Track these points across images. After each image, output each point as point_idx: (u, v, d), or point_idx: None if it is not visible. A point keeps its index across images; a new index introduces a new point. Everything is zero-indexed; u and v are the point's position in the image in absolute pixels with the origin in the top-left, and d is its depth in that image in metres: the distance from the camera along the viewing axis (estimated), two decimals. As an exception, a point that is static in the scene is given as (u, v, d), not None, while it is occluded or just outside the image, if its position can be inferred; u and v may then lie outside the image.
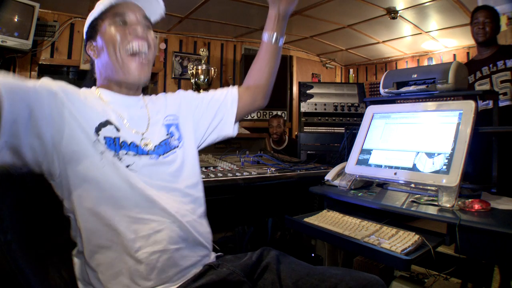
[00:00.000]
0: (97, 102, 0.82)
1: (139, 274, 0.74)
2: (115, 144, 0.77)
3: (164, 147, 0.86)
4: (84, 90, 0.84)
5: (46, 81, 0.74)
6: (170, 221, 0.78)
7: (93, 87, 0.88)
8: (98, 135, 0.76)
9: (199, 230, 0.84)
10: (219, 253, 0.93)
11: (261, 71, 1.06)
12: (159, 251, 0.75)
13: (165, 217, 0.78)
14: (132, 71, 0.83)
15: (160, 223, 0.76)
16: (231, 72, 4.31)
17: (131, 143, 0.80)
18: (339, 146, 1.98)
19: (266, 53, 1.05)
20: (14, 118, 0.62)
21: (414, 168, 1.15)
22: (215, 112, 1.02)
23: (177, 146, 0.90)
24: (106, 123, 0.78)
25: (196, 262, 0.82)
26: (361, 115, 1.75)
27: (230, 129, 1.05)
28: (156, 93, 1.00)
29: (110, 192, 0.74)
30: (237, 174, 1.42)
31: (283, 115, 3.65)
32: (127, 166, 0.77)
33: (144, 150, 0.82)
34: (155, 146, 0.84)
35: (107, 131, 0.77)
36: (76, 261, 0.80)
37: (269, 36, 1.04)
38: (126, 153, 0.78)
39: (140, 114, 0.88)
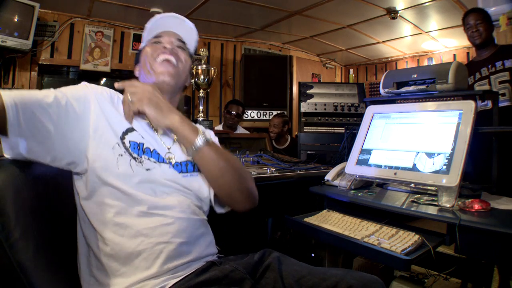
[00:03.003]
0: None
1: (142, 263, 0.75)
2: (138, 149, 0.82)
3: (184, 167, 0.88)
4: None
5: (82, 86, 0.82)
6: (178, 217, 0.80)
7: None
8: (124, 138, 0.81)
9: (203, 228, 0.87)
10: (219, 254, 0.94)
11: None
12: (164, 242, 0.77)
13: (174, 213, 0.80)
14: (158, 71, 0.91)
15: (169, 217, 0.79)
16: (231, 72, 4.31)
17: (153, 150, 0.84)
18: (339, 146, 1.98)
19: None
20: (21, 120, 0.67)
21: (414, 168, 1.15)
22: None
23: (198, 171, 0.90)
24: (132, 129, 0.83)
25: (199, 257, 0.83)
26: (361, 115, 1.75)
27: None
28: None
29: (122, 190, 0.77)
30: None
31: (284, 113, 3.63)
32: (147, 170, 0.80)
33: (165, 160, 0.85)
34: (176, 162, 0.87)
35: (133, 136, 0.82)
36: (80, 255, 0.81)
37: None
38: (148, 158, 0.82)
39: (169, 131, 0.90)
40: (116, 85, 0.85)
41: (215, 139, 1.03)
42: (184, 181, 0.85)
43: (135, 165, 0.79)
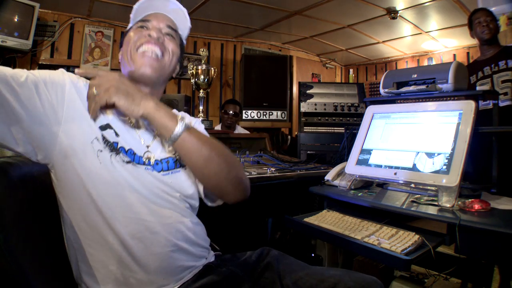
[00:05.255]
0: None
1: (136, 275, 0.73)
2: (112, 149, 0.75)
3: (165, 165, 0.82)
4: None
5: (58, 73, 0.75)
6: (167, 222, 0.77)
7: None
8: (100, 134, 0.75)
9: (196, 230, 0.84)
10: (217, 253, 0.93)
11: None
12: (157, 253, 0.74)
13: (162, 218, 0.77)
14: (138, 63, 0.83)
15: (157, 224, 0.76)
16: (231, 72, 4.30)
17: (128, 150, 0.77)
18: (339, 146, 1.97)
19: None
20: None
21: (414, 168, 1.15)
22: None
23: (184, 166, 0.85)
24: (106, 126, 0.76)
25: (194, 262, 0.82)
26: (361, 115, 1.75)
27: None
28: None
29: (105, 191, 0.73)
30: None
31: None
32: (122, 171, 0.75)
33: (141, 160, 0.78)
34: (155, 160, 0.81)
35: (107, 134, 0.76)
36: (70, 260, 0.79)
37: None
38: (122, 159, 0.75)
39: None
40: (77, 71, 0.75)
41: (200, 126, 0.97)
42: (165, 179, 0.80)
43: (116, 162, 0.73)
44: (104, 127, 0.76)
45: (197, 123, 0.98)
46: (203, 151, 0.77)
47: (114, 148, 0.75)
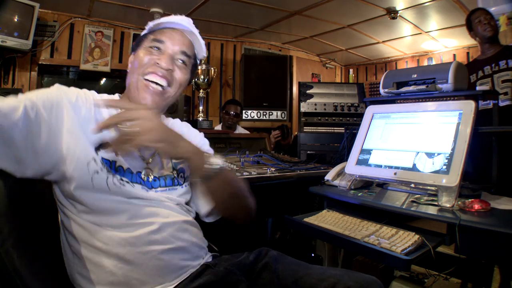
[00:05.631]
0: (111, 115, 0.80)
1: (132, 273, 0.73)
2: (111, 167, 0.75)
3: (162, 182, 0.84)
4: (106, 97, 0.84)
5: (54, 91, 0.73)
6: (164, 221, 0.78)
7: (117, 94, 0.89)
8: (97, 154, 0.74)
9: (193, 230, 0.85)
10: (215, 253, 0.93)
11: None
12: (154, 251, 0.75)
13: (160, 218, 0.78)
14: (141, 94, 0.82)
15: (155, 224, 0.76)
16: (231, 72, 4.30)
17: (126, 169, 0.78)
18: (339, 146, 1.97)
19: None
20: None
21: (414, 168, 1.15)
22: None
23: (177, 185, 0.87)
24: (105, 145, 0.74)
25: (192, 261, 0.82)
26: (361, 115, 1.75)
27: None
28: None
29: (101, 206, 0.74)
30: (237, 174, 1.42)
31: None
32: (120, 188, 0.75)
33: (139, 178, 0.79)
34: (154, 177, 0.82)
35: (105, 153, 0.75)
36: (66, 262, 0.79)
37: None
38: (120, 179, 0.76)
39: None
40: (101, 103, 0.73)
41: (206, 145, 0.99)
42: (162, 195, 0.82)
43: (112, 184, 0.73)
44: (101, 146, 0.75)
45: (205, 145, 1.00)
46: (229, 189, 0.85)
47: (112, 167, 0.75)
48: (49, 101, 0.70)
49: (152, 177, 0.82)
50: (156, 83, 0.83)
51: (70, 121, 0.72)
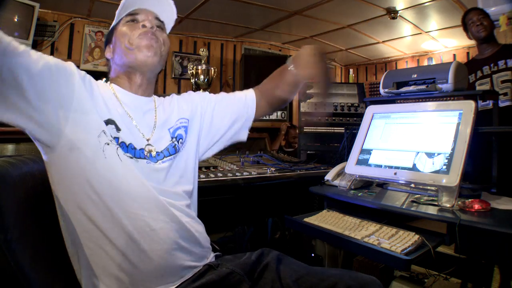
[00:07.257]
0: (110, 97, 0.83)
1: (136, 272, 0.73)
2: (115, 143, 0.77)
3: (166, 152, 0.86)
4: (100, 83, 0.85)
5: (69, 63, 0.76)
6: (168, 220, 0.78)
7: (108, 82, 0.90)
8: (107, 127, 0.77)
9: (197, 229, 0.85)
10: (217, 253, 0.93)
11: (287, 87, 1.10)
12: (158, 250, 0.75)
13: (164, 216, 0.78)
14: (141, 44, 0.84)
15: (159, 221, 0.76)
16: (231, 72, 4.30)
17: (129, 144, 0.79)
18: (339, 146, 1.98)
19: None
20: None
21: (414, 168, 1.15)
22: (237, 115, 1.04)
23: (179, 150, 0.89)
24: (108, 121, 0.78)
25: (195, 261, 0.82)
26: (361, 115, 1.75)
27: (245, 134, 1.08)
28: (157, 93, 1.00)
29: (108, 185, 0.73)
30: (237, 174, 1.42)
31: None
32: (126, 165, 0.76)
33: (142, 154, 0.81)
34: (157, 152, 0.84)
35: (109, 129, 0.77)
36: (71, 258, 0.79)
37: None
38: (124, 154, 0.77)
39: (148, 117, 0.88)
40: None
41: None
42: (166, 166, 0.83)
43: (123, 155, 0.76)
44: (107, 122, 0.78)
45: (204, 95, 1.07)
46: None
47: (116, 143, 0.77)
48: (62, 64, 0.74)
49: (154, 153, 0.83)
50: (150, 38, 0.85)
51: (80, 89, 0.74)
